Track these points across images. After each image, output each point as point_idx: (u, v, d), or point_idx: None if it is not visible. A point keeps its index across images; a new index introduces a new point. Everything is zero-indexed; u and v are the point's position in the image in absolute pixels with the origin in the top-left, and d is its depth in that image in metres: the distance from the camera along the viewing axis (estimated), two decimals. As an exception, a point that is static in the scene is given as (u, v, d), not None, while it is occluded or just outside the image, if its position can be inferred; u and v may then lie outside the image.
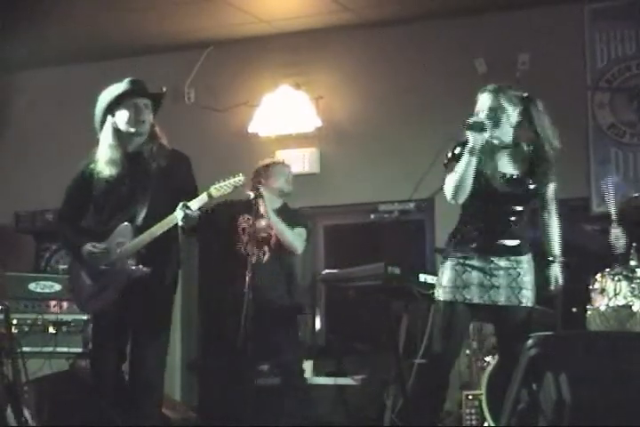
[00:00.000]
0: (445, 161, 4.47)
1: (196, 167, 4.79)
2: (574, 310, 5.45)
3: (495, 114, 4.39)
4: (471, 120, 4.34)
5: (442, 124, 6.33)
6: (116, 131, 4.61)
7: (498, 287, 4.45)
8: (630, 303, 5.22)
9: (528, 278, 4.48)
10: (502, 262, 4.47)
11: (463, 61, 6.86)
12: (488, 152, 4.44)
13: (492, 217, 4.49)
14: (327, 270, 6.09)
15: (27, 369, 4.92)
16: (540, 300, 4.68)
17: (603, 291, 5.33)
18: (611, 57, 6.61)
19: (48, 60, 7.72)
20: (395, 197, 6.92)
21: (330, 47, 7.31)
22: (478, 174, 4.39)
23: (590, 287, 5.41)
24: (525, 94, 4.49)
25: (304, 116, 7.22)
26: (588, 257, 5.93)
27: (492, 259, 4.47)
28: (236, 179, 4.60)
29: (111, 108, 4.62)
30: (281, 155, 7.27)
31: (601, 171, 6.55)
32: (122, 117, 4.60)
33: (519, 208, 4.49)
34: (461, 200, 4.40)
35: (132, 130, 4.61)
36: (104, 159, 4.61)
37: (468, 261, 4.48)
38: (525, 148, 4.50)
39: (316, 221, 7.40)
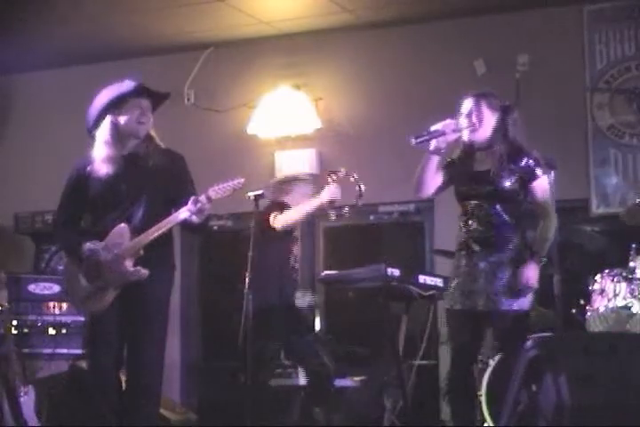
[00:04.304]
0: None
1: (195, 168, 4.78)
2: (573, 311, 5.44)
3: (474, 117, 4.56)
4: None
5: (441, 126, 6.31)
6: (116, 129, 4.58)
7: (476, 292, 4.44)
8: (630, 304, 5.22)
9: (504, 282, 4.42)
10: (482, 264, 4.47)
11: (462, 62, 6.86)
12: (464, 152, 4.61)
13: (473, 217, 4.53)
14: (327, 272, 6.09)
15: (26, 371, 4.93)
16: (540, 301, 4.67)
17: (602, 292, 5.33)
18: (610, 58, 6.61)
19: (48, 61, 7.71)
20: (394, 199, 6.92)
21: (329, 48, 7.30)
22: (456, 174, 4.56)
23: (590, 288, 5.41)
24: (507, 103, 4.65)
25: (303, 118, 7.21)
26: (587, 258, 5.93)
27: (473, 262, 4.48)
28: (236, 181, 4.56)
29: (113, 107, 4.58)
30: (280, 156, 7.28)
31: (600, 172, 6.55)
32: (124, 117, 4.57)
33: (498, 206, 4.49)
34: (423, 195, 4.62)
35: (134, 130, 4.59)
36: (101, 157, 4.59)
37: (458, 267, 4.53)
38: (499, 150, 4.55)
39: (316, 222, 7.39)
